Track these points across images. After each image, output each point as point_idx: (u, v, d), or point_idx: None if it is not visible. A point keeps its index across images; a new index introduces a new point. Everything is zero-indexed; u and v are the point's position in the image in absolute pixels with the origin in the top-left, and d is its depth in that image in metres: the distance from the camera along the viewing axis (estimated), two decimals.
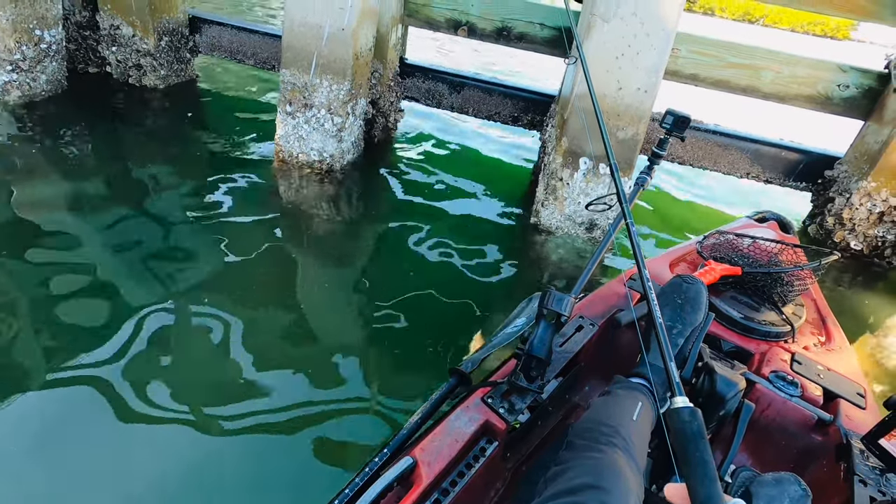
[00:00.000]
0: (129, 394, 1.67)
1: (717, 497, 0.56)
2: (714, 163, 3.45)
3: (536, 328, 1.15)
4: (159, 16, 3.66)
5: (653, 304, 0.85)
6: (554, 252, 2.84)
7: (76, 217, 2.46)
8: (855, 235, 3.12)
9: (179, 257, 2.31)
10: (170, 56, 3.87)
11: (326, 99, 2.96)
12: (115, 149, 3.13)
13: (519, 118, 3.67)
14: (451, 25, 3.39)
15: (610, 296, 1.57)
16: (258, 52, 3.82)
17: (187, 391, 1.72)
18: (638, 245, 1.04)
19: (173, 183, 2.86)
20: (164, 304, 2.03)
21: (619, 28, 2.48)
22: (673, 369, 0.72)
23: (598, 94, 2.66)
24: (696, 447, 0.61)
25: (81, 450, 1.51)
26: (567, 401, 1.48)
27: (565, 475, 0.93)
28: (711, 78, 3.22)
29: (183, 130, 3.51)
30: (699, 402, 1.20)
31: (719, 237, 1.76)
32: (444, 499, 1.00)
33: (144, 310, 1.99)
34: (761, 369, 1.37)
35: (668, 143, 1.65)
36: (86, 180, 2.75)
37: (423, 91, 3.71)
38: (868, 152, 3.08)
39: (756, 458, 1.34)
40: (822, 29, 23.84)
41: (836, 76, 3.12)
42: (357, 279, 2.40)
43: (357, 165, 3.35)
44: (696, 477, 0.59)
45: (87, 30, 3.74)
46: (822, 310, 1.68)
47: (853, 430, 1.20)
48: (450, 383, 1.21)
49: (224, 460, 1.54)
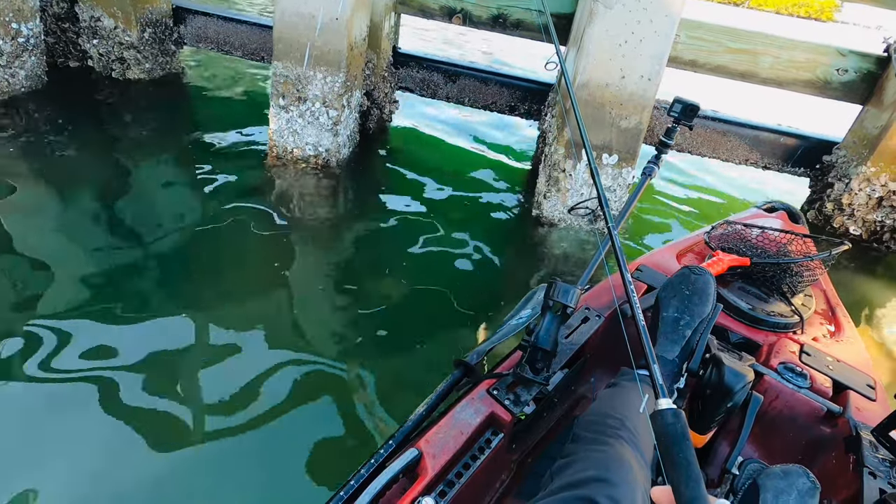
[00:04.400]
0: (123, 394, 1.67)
1: (702, 498, 0.57)
2: (713, 150, 3.43)
3: (542, 319, 1.16)
4: (142, 6, 3.55)
5: (635, 307, 0.85)
6: (557, 244, 2.82)
7: (59, 217, 2.43)
8: (854, 220, 3.13)
9: (169, 258, 2.29)
10: (154, 48, 3.76)
11: (321, 91, 2.88)
12: (100, 146, 3.08)
13: (516, 107, 3.62)
14: (446, 13, 3.32)
15: (616, 287, 1.55)
16: (246, 43, 3.72)
17: (187, 388, 1.72)
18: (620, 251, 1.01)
19: (161, 181, 2.85)
20: (153, 306, 2.02)
21: (623, 14, 2.44)
22: (657, 371, 0.71)
23: (601, 83, 2.63)
24: (680, 449, 0.62)
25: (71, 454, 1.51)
26: (573, 392, 1.49)
27: (572, 468, 0.93)
28: (710, 64, 3.19)
29: (170, 126, 3.48)
30: (707, 394, 1.21)
31: (727, 227, 1.76)
32: (450, 490, 1.01)
33: (130, 311, 1.98)
34: (770, 361, 1.38)
35: (676, 131, 1.63)
36: (69, 179, 2.72)
37: (417, 81, 3.64)
38: (867, 137, 3.08)
39: (764, 451, 1.35)
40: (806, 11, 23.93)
41: (834, 60, 3.11)
42: (358, 274, 2.40)
43: (353, 159, 3.31)
44: (681, 478, 0.60)
45: (66, 22, 3.62)
46: (831, 300, 1.70)
47: (863, 421, 1.21)
48: (455, 375, 1.22)
49: (228, 454, 1.56)
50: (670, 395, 1.22)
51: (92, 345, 1.80)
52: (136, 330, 1.89)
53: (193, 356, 1.84)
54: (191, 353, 1.85)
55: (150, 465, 1.50)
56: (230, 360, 1.84)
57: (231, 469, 1.52)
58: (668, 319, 1.30)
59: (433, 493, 0.99)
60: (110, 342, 1.82)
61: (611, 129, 2.70)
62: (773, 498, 0.92)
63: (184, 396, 1.69)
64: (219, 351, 1.87)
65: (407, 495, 0.95)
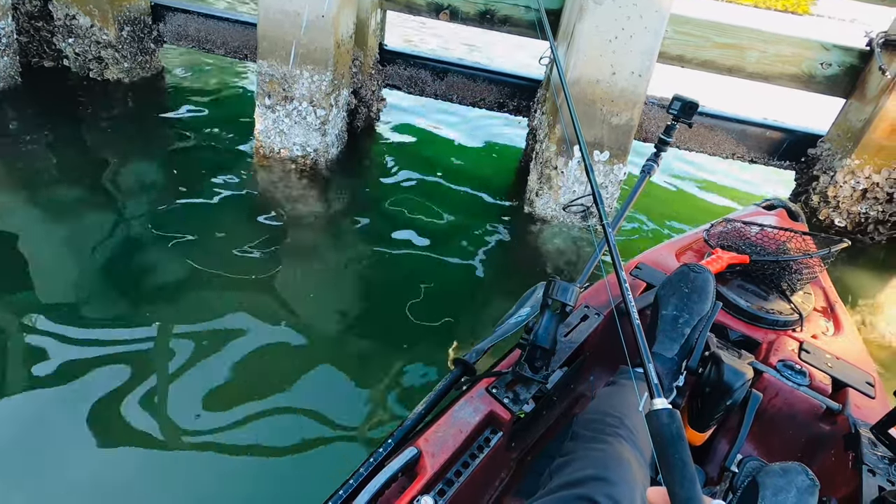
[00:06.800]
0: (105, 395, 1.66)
1: (697, 499, 0.58)
2: (700, 144, 3.46)
3: (541, 318, 1.16)
4: (119, 4, 3.47)
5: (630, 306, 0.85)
6: (550, 241, 2.82)
7: (37, 222, 2.38)
8: (839, 213, 3.18)
9: (152, 264, 2.26)
10: (133, 47, 3.67)
11: (308, 90, 2.84)
12: (78, 148, 3.03)
13: (504, 104, 3.62)
14: (432, 9, 3.29)
15: (612, 286, 1.55)
16: (228, 40, 3.65)
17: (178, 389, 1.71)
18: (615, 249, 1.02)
19: (143, 184, 2.80)
20: (137, 313, 1.99)
21: (612, 10, 2.44)
22: (652, 370, 0.71)
23: (591, 79, 2.62)
24: (675, 449, 0.63)
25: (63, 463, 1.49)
26: (572, 391, 1.50)
27: (571, 466, 0.94)
28: (697, 59, 3.22)
29: (151, 127, 3.43)
30: (706, 392, 1.22)
31: (727, 225, 1.77)
32: (449, 489, 1.02)
33: (105, 314, 1.95)
34: (769, 358, 1.39)
35: (675, 129, 1.64)
36: (46, 182, 2.67)
37: (404, 78, 3.61)
38: (851, 130, 3.13)
39: (763, 448, 1.36)
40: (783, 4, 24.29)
41: (818, 54, 3.16)
42: (351, 276, 2.39)
43: (342, 159, 3.28)
44: (676, 479, 0.60)
45: (39, 20, 3.53)
46: (830, 297, 1.71)
47: (862, 419, 1.22)
48: (454, 373, 1.22)
49: (225, 453, 1.55)
50: (669, 393, 1.24)
51: (72, 354, 1.76)
52: (109, 333, 1.87)
53: (182, 357, 1.82)
54: (180, 354, 1.83)
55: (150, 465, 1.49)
56: (222, 359, 1.83)
57: (229, 468, 1.51)
58: (668, 317, 1.31)
59: (432, 492, 0.99)
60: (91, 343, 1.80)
61: (602, 126, 2.70)
62: (773, 496, 0.92)
63: (175, 397, 1.68)
64: (209, 349, 1.86)
65: (406, 494, 0.95)
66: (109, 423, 1.58)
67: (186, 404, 1.68)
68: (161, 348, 1.85)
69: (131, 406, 1.64)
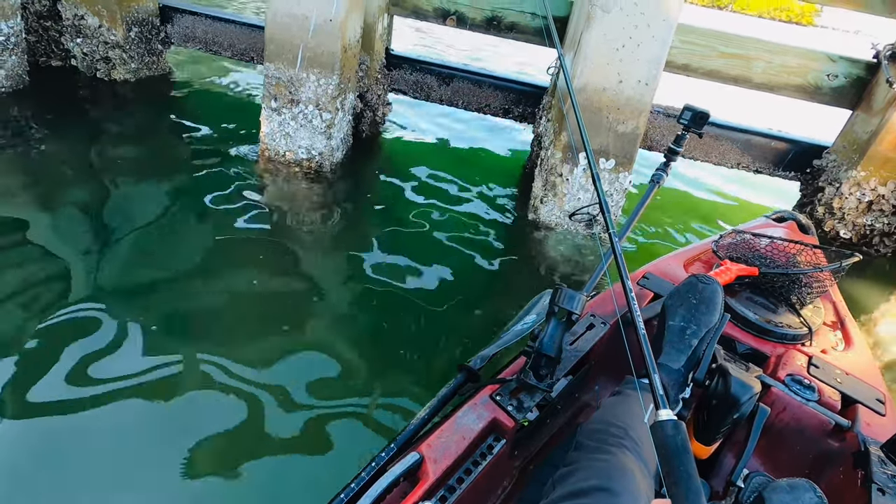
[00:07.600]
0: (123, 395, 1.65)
1: None
2: (705, 154, 3.46)
3: (547, 326, 1.15)
4: (128, 5, 3.49)
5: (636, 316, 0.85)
6: (554, 249, 2.81)
7: (44, 222, 2.37)
8: (844, 224, 3.17)
9: (152, 265, 2.25)
10: (140, 48, 3.68)
11: (314, 94, 2.84)
12: (84, 149, 3.03)
13: (510, 111, 3.62)
14: (440, 15, 3.30)
15: (618, 296, 1.54)
16: (235, 43, 3.67)
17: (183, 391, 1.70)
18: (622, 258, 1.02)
19: (148, 185, 2.80)
20: (138, 315, 1.97)
21: (620, 19, 2.44)
22: (657, 381, 0.68)
23: (598, 87, 2.62)
24: (680, 461, 0.62)
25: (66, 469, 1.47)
26: (577, 400, 1.49)
27: (574, 476, 0.93)
28: (703, 68, 3.22)
29: (157, 128, 3.43)
30: (713, 405, 1.21)
31: (736, 237, 1.75)
32: (451, 496, 1.01)
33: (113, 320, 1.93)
34: (777, 372, 1.37)
35: (686, 139, 1.62)
36: (53, 183, 2.66)
37: (410, 83, 3.62)
38: (857, 142, 3.13)
39: (770, 464, 1.34)
40: (787, 15, 24.38)
41: (825, 66, 3.16)
42: (354, 281, 2.38)
43: (347, 163, 3.29)
44: (681, 492, 0.60)
45: (48, 20, 3.55)
46: (840, 312, 1.69)
47: (872, 436, 1.21)
48: (458, 380, 1.22)
49: (227, 456, 1.55)
50: (675, 405, 1.22)
51: (75, 353, 1.76)
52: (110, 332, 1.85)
53: (182, 359, 1.81)
54: (180, 356, 1.82)
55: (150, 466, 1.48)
56: (222, 361, 1.82)
57: (229, 471, 1.50)
58: (675, 328, 1.30)
59: (434, 498, 0.99)
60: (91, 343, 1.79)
61: (608, 134, 2.70)
62: None
63: (175, 400, 1.67)
64: (209, 350, 1.85)
65: (407, 499, 0.94)
66: (109, 423, 1.57)
67: (186, 404, 1.67)
68: (161, 350, 1.84)
69: (131, 406, 1.63)
